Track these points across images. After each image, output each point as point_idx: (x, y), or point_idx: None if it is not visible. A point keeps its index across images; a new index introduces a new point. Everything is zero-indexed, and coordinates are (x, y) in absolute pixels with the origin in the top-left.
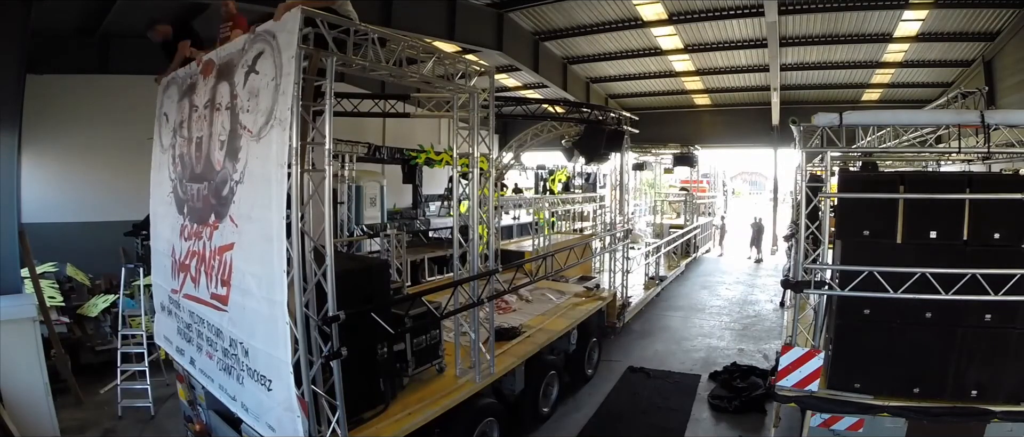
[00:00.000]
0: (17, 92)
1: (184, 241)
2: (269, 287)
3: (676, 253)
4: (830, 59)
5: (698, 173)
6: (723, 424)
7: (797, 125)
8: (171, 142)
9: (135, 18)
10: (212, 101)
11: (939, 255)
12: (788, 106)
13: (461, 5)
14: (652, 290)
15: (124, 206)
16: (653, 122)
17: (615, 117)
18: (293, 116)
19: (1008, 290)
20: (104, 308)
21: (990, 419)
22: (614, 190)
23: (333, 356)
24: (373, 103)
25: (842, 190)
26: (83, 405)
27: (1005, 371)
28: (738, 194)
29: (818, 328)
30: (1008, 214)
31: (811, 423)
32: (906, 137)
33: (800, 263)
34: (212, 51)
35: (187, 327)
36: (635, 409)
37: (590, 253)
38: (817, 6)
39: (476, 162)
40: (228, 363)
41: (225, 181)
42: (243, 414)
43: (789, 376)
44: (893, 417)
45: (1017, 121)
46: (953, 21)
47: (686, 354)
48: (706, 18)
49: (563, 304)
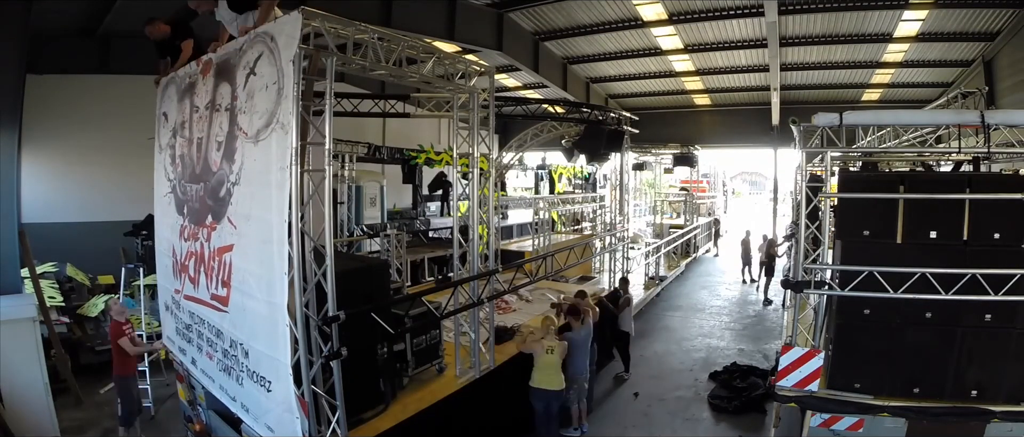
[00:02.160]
0: (17, 92)
1: (183, 242)
2: (269, 289)
3: (676, 253)
4: (830, 59)
5: (698, 173)
6: (723, 424)
7: (797, 125)
8: (170, 142)
9: (135, 18)
10: (212, 102)
11: (939, 255)
12: (788, 106)
13: (461, 5)
14: (652, 290)
15: (124, 206)
16: (653, 122)
17: (615, 117)
18: (294, 119)
19: (1008, 290)
20: (103, 309)
21: (990, 419)
22: (614, 190)
23: (333, 356)
24: (373, 103)
25: (842, 190)
26: (83, 405)
27: (1005, 371)
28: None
29: (818, 328)
30: (1008, 214)
31: (811, 423)
32: (906, 137)
33: (800, 263)
34: (211, 51)
35: (187, 327)
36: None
37: (590, 253)
38: (817, 6)
39: (476, 162)
40: (228, 364)
41: (222, 182)
42: (243, 414)
43: (789, 376)
44: (893, 417)
45: (1017, 121)
46: (953, 21)
47: (686, 354)
48: (706, 18)
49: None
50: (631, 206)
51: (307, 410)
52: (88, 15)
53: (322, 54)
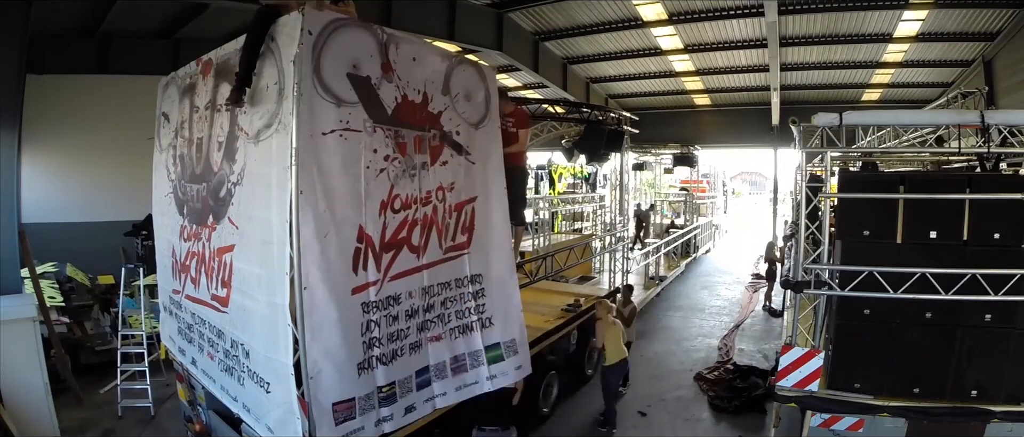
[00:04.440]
0: (17, 92)
1: (184, 242)
2: (270, 289)
3: (676, 253)
4: (830, 59)
5: (698, 173)
6: (723, 424)
7: (797, 125)
8: (171, 142)
9: (135, 18)
10: (213, 102)
11: (939, 255)
12: (788, 106)
13: (461, 5)
14: (652, 290)
15: (124, 206)
16: (653, 122)
17: (615, 117)
18: (294, 119)
19: (1008, 290)
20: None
21: (990, 419)
22: (614, 190)
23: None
24: None
25: (842, 190)
26: (83, 405)
27: (1005, 371)
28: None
29: (818, 328)
30: (1008, 214)
31: (811, 423)
32: (906, 137)
33: (800, 263)
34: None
35: (189, 328)
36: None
37: (590, 253)
38: (817, 6)
39: None
40: (229, 364)
41: (222, 183)
42: (244, 415)
43: (789, 376)
44: (893, 417)
45: (1017, 121)
46: (953, 21)
47: (686, 354)
48: (706, 18)
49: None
50: (631, 206)
51: (308, 410)
52: (88, 15)
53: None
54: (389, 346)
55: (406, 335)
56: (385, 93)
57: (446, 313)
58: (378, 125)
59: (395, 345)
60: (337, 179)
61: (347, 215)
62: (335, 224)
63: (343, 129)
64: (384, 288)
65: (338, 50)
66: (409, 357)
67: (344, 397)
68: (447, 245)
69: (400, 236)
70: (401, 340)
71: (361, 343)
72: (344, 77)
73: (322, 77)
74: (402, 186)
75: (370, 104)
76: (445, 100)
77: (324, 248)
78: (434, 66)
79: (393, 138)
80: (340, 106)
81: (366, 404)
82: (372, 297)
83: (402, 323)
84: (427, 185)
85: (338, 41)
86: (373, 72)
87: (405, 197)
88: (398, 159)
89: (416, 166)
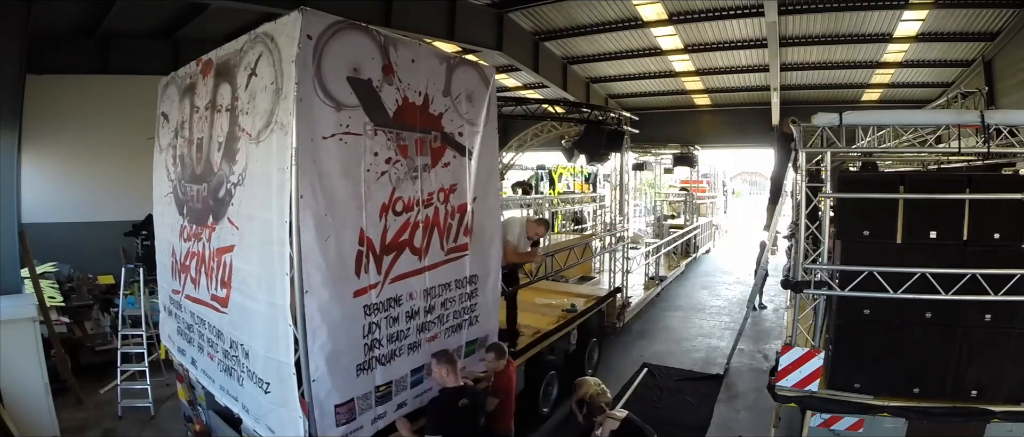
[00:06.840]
0: (17, 92)
1: (184, 242)
2: (270, 289)
3: (676, 253)
4: (830, 59)
5: (698, 173)
6: (723, 424)
7: (797, 125)
8: (171, 142)
9: (135, 18)
10: (213, 102)
11: (939, 255)
12: (788, 106)
13: (461, 5)
14: (652, 290)
15: (124, 206)
16: (653, 122)
17: (615, 117)
18: (294, 119)
19: (1008, 290)
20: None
21: (990, 419)
22: (614, 190)
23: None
24: None
25: (841, 190)
26: (83, 405)
27: (1005, 371)
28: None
29: (818, 328)
30: (1008, 214)
31: (811, 423)
32: (906, 137)
33: (800, 263)
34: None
35: (188, 328)
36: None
37: (590, 253)
38: (817, 6)
39: None
40: (229, 364)
41: (222, 183)
42: (244, 415)
43: (789, 376)
44: (893, 417)
45: (1017, 121)
46: (953, 21)
47: (686, 354)
48: (706, 18)
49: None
50: (631, 206)
51: (308, 410)
52: (88, 15)
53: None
54: (389, 347)
55: (406, 336)
56: (386, 95)
57: (445, 314)
58: (379, 128)
59: (395, 346)
60: (337, 183)
61: (348, 219)
62: (336, 228)
63: (343, 133)
64: (385, 290)
65: (338, 54)
66: (407, 357)
67: (345, 399)
68: (449, 246)
69: (402, 238)
70: (401, 341)
71: (362, 345)
72: (344, 81)
73: (322, 81)
74: (404, 188)
75: (371, 107)
76: (446, 101)
77: (325, 252)
78: (434, 67)
79: (395, 141)
80: (340, 110)
81: (365, 404)
82: (374, 299)
83: (403, 324)
84: (429, 187)
85: (338, 45)
86: (374, 74)
87: (407, 199)
88: (400, 162)
89: (417, 168)
